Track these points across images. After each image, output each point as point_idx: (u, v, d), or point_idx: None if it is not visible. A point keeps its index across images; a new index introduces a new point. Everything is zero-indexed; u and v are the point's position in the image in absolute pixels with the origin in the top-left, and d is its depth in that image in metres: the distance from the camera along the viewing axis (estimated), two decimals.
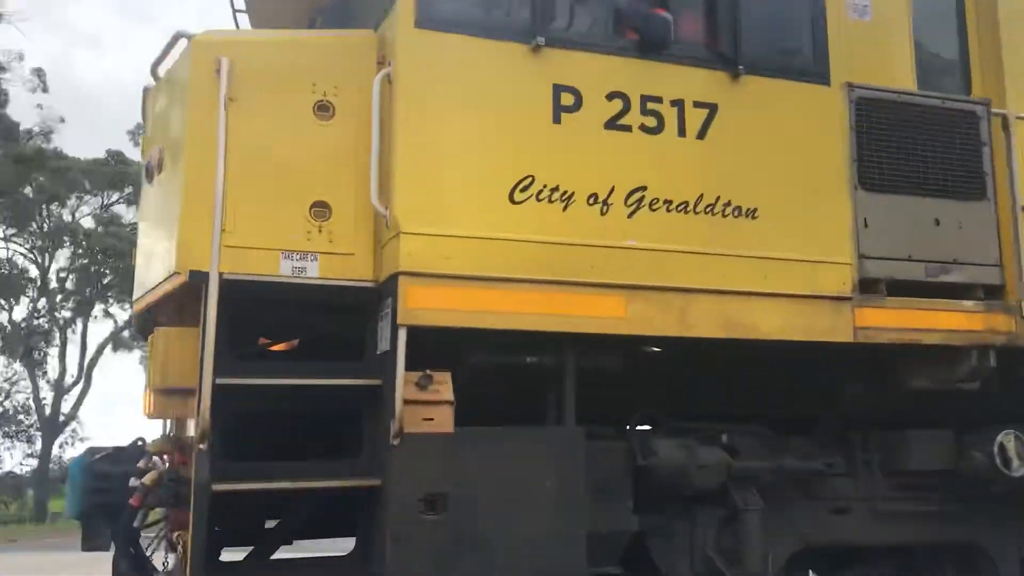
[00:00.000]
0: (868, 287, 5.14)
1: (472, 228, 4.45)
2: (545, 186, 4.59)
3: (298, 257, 4.46)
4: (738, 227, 4.91)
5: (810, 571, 6.06)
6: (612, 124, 4.77)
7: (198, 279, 4.18)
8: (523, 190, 4.55)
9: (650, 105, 4.85)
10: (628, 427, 5.03)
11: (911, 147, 5.35)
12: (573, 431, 4.60)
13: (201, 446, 4.01)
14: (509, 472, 4.42)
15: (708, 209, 4.86)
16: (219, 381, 4.11)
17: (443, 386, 4.39)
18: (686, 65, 4.97)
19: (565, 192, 4.62)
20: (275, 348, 4.95)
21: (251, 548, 4.84)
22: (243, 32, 5.92)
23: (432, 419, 4.34)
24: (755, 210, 4.95)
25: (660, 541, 5.16)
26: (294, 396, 4.40)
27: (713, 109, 4.97)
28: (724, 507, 5.14)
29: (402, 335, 4.27)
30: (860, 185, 5.20)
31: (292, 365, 4.44)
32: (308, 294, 4.44)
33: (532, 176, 4.57)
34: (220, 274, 4.15)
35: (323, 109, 4.62)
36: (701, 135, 4.92)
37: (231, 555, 4.87)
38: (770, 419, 5.73)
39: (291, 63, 4.66)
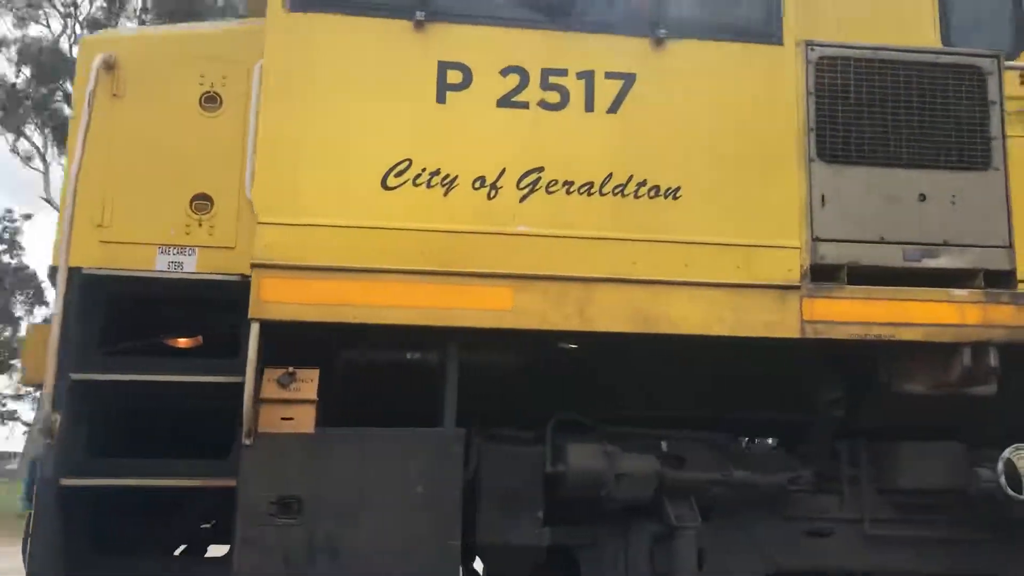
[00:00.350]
0: (825, 274, 4.44)
1: (337, 217, 4.20)
2: (424, 170, 4.27)
3: (175, 251, 4.39)
4: (655, 209, 4.37)
5: None
6: (506, 101, 4.37)
7: (53, 274, 4.19)
8: (398, 175, 4.25)
9: (552, 79, 4.41)
10: (535, 431, 4.60)
11: (890, 112, 4.58)
12: (446, 433, 4.23)
13: (48, 441, 4.01)
14: (373, 476, 4.12)
15: (617, 190, 4.36)
16: (74, 377, 4.10)
17: (306, 384, 4.17)
18: (597, 33, 4.49)
19: (447, 176, 4.28)
20: (182, 345, 4.90)
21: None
22: (136, 29, 5.96)
23: (292, 418, 4.13)
24: (677, 189, 4.39)
25: (591, 557, 4.69)
26: (171, 394, 4.32)
27: (629, 80, 4.45)
28: (661, 522, 4.60)
29: (254, 329, 4.09)
30: (818, 157, 4.51)
31: (157, 361, 4.36)
32: (182, 290, 4.36)
33: (409, 160, 4.26)
34: (72, 269, 4.14)
35: (210, 100, 4.53)
36: (613, 109, 4.42)
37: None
38: (752, 425, 5.15)
39: (180, 55, 4.61)
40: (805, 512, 4.85)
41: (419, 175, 4.26)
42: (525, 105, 4.38)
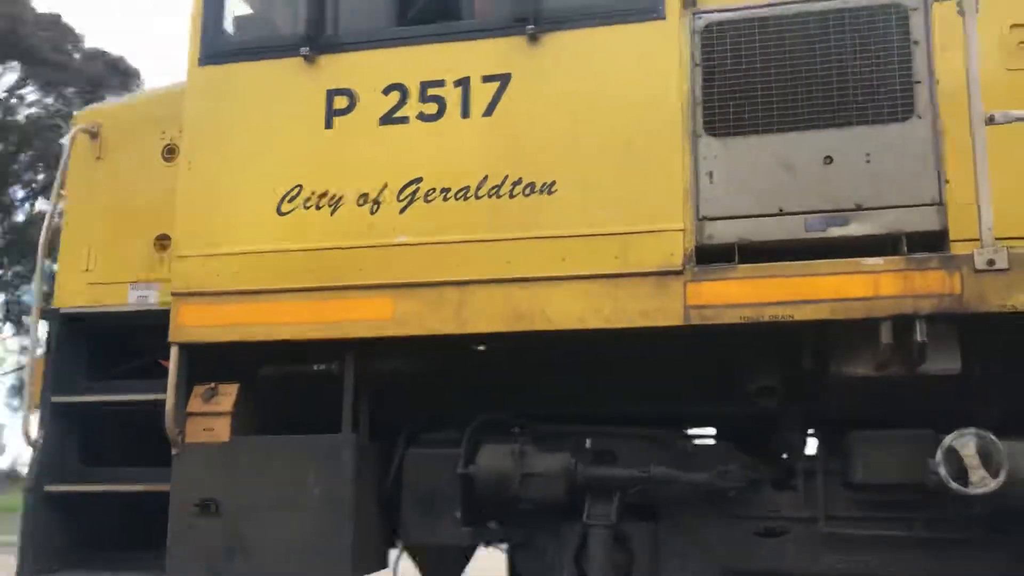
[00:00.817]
0: (717, 256, 4.16)
1: (242, 244, 4.63)
2: (313, 193, 4.58)
3: (143, 287, 5.06)
4: (530, 206, 4.34)
5: None
6: (388, 119, 4.57)
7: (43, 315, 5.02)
8: (290, 201, 4.60)
9: (430, 91, 4.55)
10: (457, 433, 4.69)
11: (789, 72, 4.18)
12: (339, 438, 4.49)
13: (33, 453, 4.82)
14: (277, 479, 4.49)
15: (493, 192, 4.38)
16: (54, 400, 4.89)
17: (225, 398, 4.64)
18: (471, 39, 4.56)
19: (334, 196, 4.56)
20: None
21: None
22: (120, 99, 6.69)
23: (212, 429, 4.61)
24: (552, 184, 4.33)
25: (524, 556, 4.70)
26: (148, 411, 4.97)
27: (505, 80, 4.47)
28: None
29: (174, 352, 4.63)
30: (706, 132, 4.23)
31: (123, 384, 5.01)
32: (147, 319, 4.99)
33: (300, 185, 4.60)
34: (53, 310, 4.95)
35: (170, 152, 5.17)
36: (489, 112, 4.46)
37: None
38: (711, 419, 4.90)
39: (147, 116, 5.30)
40: (757, 511, 4.51)
41: (308, 198, 4.59)
42: (405, 120, 4.56)
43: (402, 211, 4.48)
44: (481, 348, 4.59)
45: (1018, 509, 3.96)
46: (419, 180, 4.48)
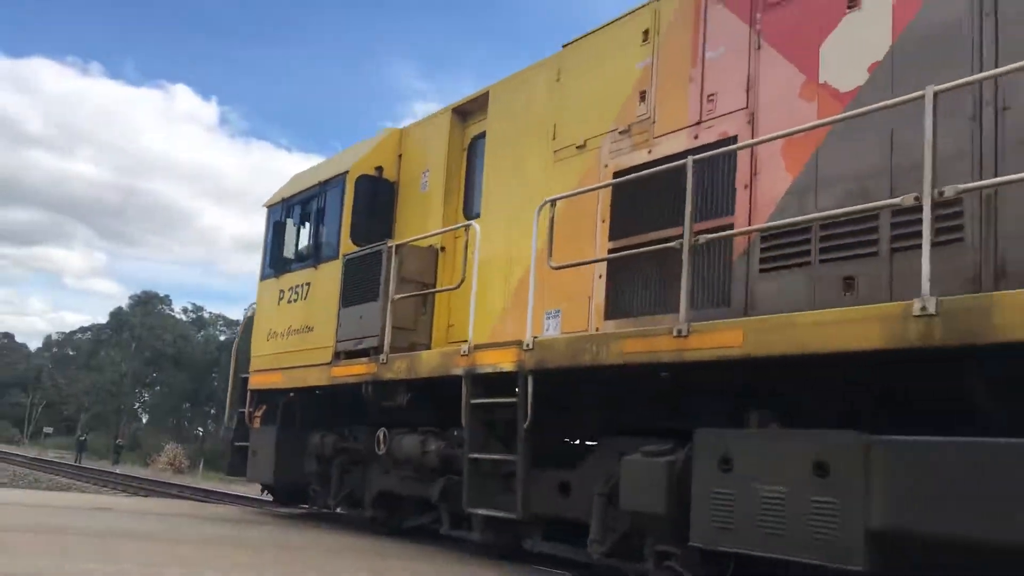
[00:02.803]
0: (338, 356, 10.40)
1: (259, 351, 12.22)
2: (272, 332, 11.92)
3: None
4: (309, 336, 11.06)
5: None
6: (286, 301, 11.70)
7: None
8: (268, 336, 12.02)
9: (297, 289, 11.54)
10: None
11: (358, 282, 10.25)
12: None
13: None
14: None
15: (303, 330, 11.21)
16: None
17: (260, 411, 12.22)
18: (304, 268, 11.43)
19: (275, 332, 11.84)
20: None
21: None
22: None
23: (255, 422, 12.22)
24: (314, 327, 10.99)
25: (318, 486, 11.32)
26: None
27: (309, 285, 11.26)
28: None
29: (251, 394, 12.41)
30: (342, 306, 10.49)
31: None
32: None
33: (271, 329, 11.99)
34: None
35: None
36: (305, 297, 11.29)
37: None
38: None
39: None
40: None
41: (271, 334, 11.94)
42: (292, 302, 11.62)
43: (286, 337, 11.56)
44: (291, 394, 11.39)
45: None
46: (290, 326, 11.51)
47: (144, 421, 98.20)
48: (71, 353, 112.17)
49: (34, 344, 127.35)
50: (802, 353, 5.36)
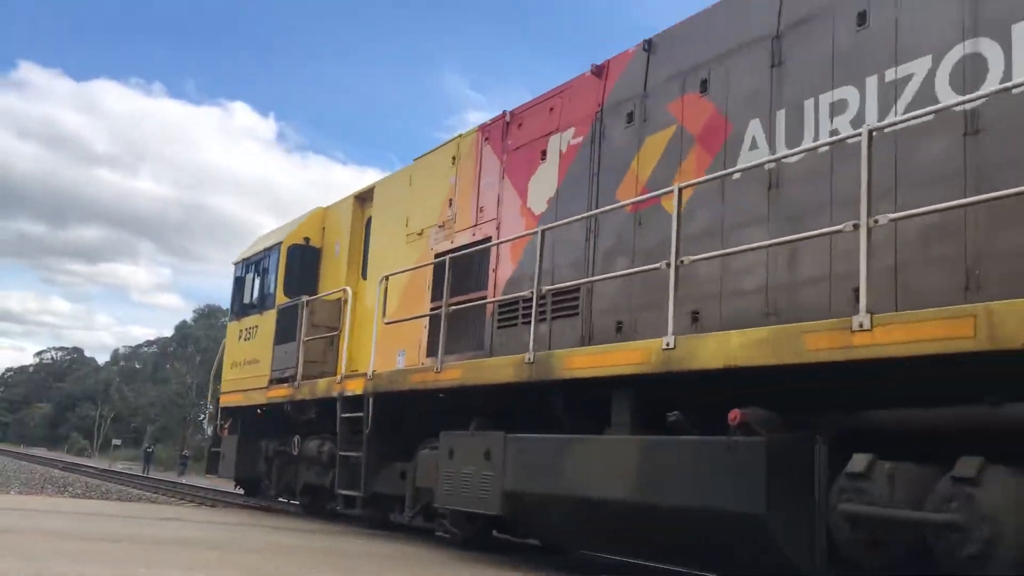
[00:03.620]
0: (272, 383, 13.95)
1: (228, 376, 15.87)
2: (234, 362, 15.55)
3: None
4: (255, 368, 14.64)
5: None
6: (243, 338, 15.31)
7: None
8: (232, 364, 15.63)
9: (248, 331, 15.15)
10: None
11: (285, 326, 13.81)
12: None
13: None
14: None
15: (250, 362, 14.80)
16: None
17: (228, 425, 15.85)
18: (252, 315, 15.03)
19: (238, 363, 15.45)
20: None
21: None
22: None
23: (223, 432, 15.86)
24: (260, 360, 14.57)
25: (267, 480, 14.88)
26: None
27: (256, 327, 14.86)
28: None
29: (221, 411, 16.05)
30: (275, 343, 14.04)
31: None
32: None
33: (233, 360, 15.61)
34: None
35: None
36: (252, 338, 14.90)
37: None
38: None
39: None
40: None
41: (235, 363, 15.56)
42: (247, 339, 15.23)
43: (243, 367, 15.16)
44: (260, 411, 15.00)
45: None
46: (245, 358, 15.12)
47: (209, 433, 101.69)
48: (138, 366, 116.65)
49: (102, 358, 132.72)
50: (485, 383, 8.76)
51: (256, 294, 15.36)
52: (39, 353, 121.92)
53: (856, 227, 5.39)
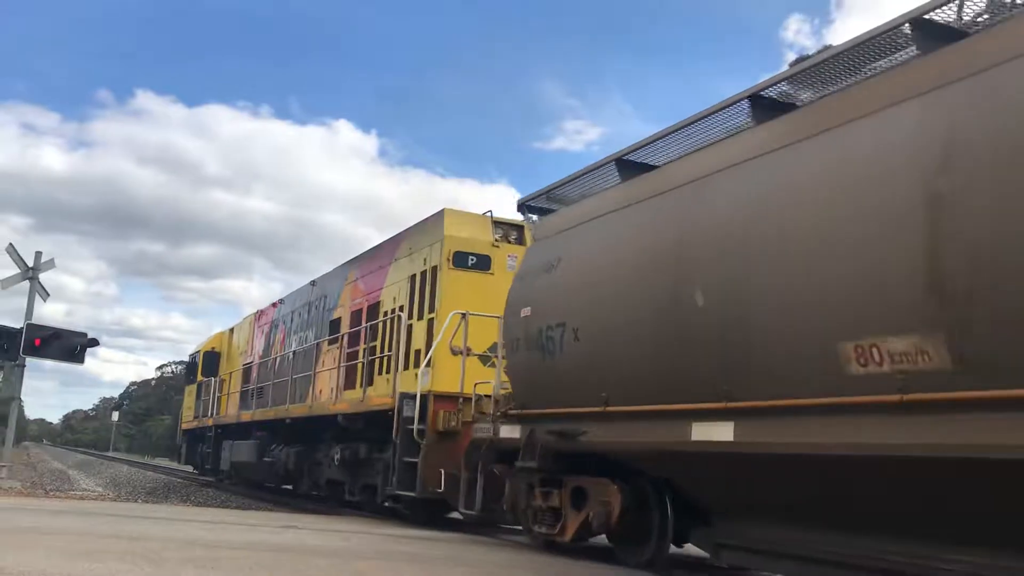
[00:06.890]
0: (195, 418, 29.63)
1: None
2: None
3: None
4: (192, 411, 30.42)
5: None
6: (197, 395, 31.18)
7: None
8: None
9: (191, 392, 31.01)
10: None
11: (199, 391, 29.48)
12: None
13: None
14: None
15: (189, 408, 30.63)
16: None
17: None
18: (193, 384, 30.91)
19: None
20: None
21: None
22: None
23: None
24: (192, 407, 30.35)
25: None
26: None
27: (193, 391, 30.71)
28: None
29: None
30: (196, 399, 29.76)
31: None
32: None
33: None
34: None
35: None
36: (193, 395, 30.73)
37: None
38: None
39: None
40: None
41: (187, 407, 31.43)
42: (191, 395, 31.06)
43: (191, 410, 30.97)
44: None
45: None
46: (189, 406, 30.95)
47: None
48: None
49: None
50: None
51: (195, 373, 31.20)
52: (160, 367, 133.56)
53: None
